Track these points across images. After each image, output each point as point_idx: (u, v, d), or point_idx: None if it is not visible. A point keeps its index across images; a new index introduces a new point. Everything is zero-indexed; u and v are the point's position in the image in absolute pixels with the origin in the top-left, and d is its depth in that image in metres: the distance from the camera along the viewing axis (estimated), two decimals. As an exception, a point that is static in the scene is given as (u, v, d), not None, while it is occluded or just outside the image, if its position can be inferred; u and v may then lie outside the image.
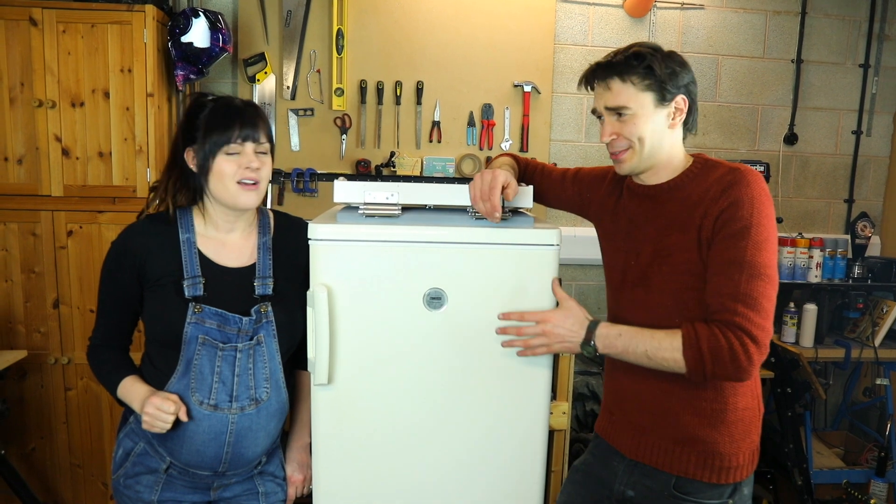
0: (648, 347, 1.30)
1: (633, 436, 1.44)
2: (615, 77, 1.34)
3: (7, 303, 2.50)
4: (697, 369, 1.26)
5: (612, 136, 1.37)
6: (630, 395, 1.46)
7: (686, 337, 1.27)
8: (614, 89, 1.34)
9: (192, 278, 1.43)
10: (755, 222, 1.26)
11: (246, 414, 1.43)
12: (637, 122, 1.34)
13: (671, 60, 1.34)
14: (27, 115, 2.42)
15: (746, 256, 1.25)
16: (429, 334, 1.43)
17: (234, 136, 1.40)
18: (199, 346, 1.41)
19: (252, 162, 1.42)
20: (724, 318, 1.25)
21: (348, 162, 2.95)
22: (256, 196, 1.45)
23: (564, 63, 3.06)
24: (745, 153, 3.19)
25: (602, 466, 1.52)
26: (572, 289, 3.18)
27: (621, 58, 1.34)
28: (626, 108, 1.33)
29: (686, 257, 1.33)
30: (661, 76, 1.32)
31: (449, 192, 1.47)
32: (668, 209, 1.37)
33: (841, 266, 3.00)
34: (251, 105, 1.47)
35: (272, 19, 2.86)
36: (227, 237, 1.50)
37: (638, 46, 1.34)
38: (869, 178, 3.32)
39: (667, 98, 1.34)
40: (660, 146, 1.36)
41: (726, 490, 1.36)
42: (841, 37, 3.20)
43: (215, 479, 1.48)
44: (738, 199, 1.27)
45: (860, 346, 2.90)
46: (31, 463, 2.59)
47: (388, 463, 1.47)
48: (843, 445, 3.23)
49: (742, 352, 1.23)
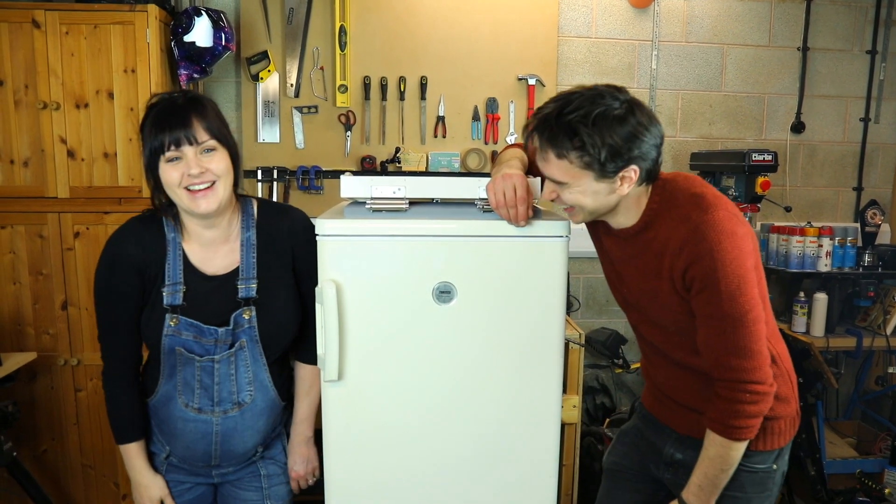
0: (719, 467, 1.35)
1: (678, 413, 1.49)
2: (550, 150, 1.26)
3: (16, 305, 2.50)
4: (751, 430, 1.32)
5: (553, 197, 1.35)
6: (667, 386, 1.52)
7: (721, 431, 1.32)
8: (551, 161, 1.28)
9: (173, 285, 1.40)
10: (721, 275, 1.25)
11: (229, 417, 1.44)
12: (574, 193, 1.30)
13: (617, 133, 1.21)
14: (32, 118, 2.42)
15: (723, 310, 1.27)
16: (438, 329, 1.42)
17: (167, 143, 1.31)
18: (178, 357, 1.41)
19: (192, 168, 1.32)
20: (722, 375, 1.30)
21: (353, 159, 2.94)
22: (214, 198, 1.35)
23: (568, 55, 3.04)
24: (752, 143, 3.16)
25: (653, 432, 1.57)
26: (580, 282, 3.17)
27: (559, 126, 1.23)
28: (562, 182, 1.29)
29: (670, 300, 1.36)
30: (598, 157, 1.22)
31: (456, 186, 1.47)
32: (641, 251, 1.39)
33: (851, 254, 2.97)
34: (190, 102, 1.35)
35: (274, 17, 2.85)
36: (210, 236, 1.44)
37: (575, 116, 1.21)
38: (878, 166, 3.29)
39: (608, 174, 1.25)
40: (606, 205, 1.34)
41: (771, 456, 1.43)
42: (847, 23, 3.16)
43: (213, 469, 1.52)
44: (696, 256, 1.26)
45: (871, 335, 2.88)
46: (43, 464, 2.60)
47: (400, 457, 1.47)
48: (856, 435, 3.21)
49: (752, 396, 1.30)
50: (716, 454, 1.34)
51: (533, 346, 1.44)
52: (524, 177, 1.38)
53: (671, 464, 1.51)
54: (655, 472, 1.56)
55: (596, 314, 3.21)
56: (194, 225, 1.43)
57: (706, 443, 1.35)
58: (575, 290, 3.13)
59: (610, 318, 3.20)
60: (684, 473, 1.43)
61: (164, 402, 1.45)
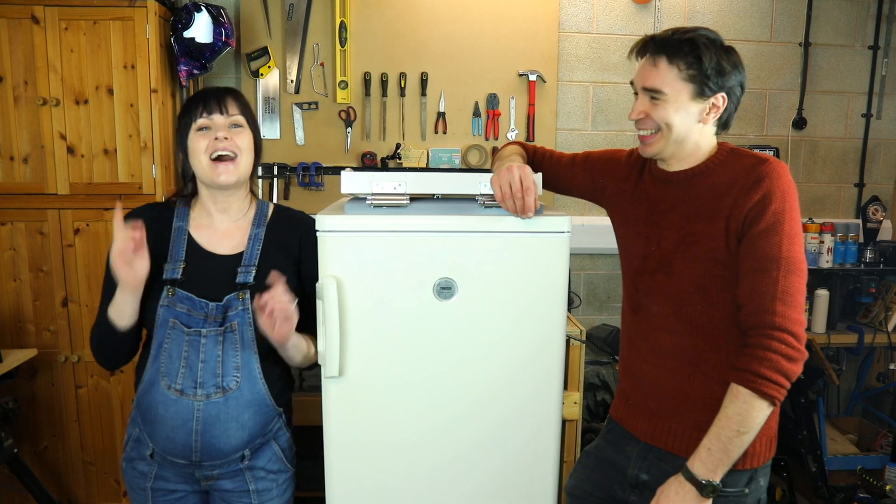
0: (735, 428, 1.24)
1: (650, 420, 1.43)
2: (663, 56, 1.32)
3: (16, 302, 2.50)
4: (778, 390, 1.23)
5: (641, 115, 1.36)
6: (649, 380, 1.44)
7: (746, 382, 1.24)
8: (659, 67, 1.33)
9: (174, 262, 1.46)
10: (787, 217, 1.26)
11: (212, 402, 1.42)
12: (668, 109, 1.33)
13: (725, 57, 1.32)
14: (31, 114, 2.42)
15: (782, 252, 1.25)
16: (439, 325, 1.42)
17: (200, 111, 1.45)
18: (170, 330, 1.42)
19: (220, 131, 1.44)
20: (762, 321, 1.24)
21: (354, 155, 2.94)
22: (234, 171, 1.45)
23: (569, 51, 3.03)
24: (754, 138, 3.15)
25: (615, 451, 1.50)
26: (581, 278, 3.17)
27: (676, 39, 1.32)
28: (662, 92, 1.32)
29: (712, 245, 1.32)
30: (706, 70, 1.30)
31: (457, 181, 1.46)
32: (694, 196, 1.36)
33: (852, 251, 2.97)
34: (227, 87, 1.52)
35: (274, 13, 2.84)
36: (220, 224, 1.51)
37: (696, 34, 1.32)
38: (880, 162, 3.28)
39: (705, 94, 1.32)
40: (687, 136, 1.35)
41: (743, 477, 1.34)
42: (849, 18, 3.15)
43: (195, 470, 1.46)
44: (769, 193, 1.27)
45: (873, 331, 2.88)
46: (43, 461, 2.60)
47: (401, 454, 1.47)
48: (857, 431, 3.21)
49: (787, 348, 1.23)
50: (734, 411, 1.24)
51: (534, 342, 1.44)
52: (529, 168, 1.37)
53: (636, 485, 1.44)
54: (620, 495, 1.47)
55: (597, 311, 3.21)
56: (208, 203, 1.51)
57: (725, 401, 1.26)
58: (576, 286, 3.13)
59: (611, 314, 3.20)
60: (650, 496, 1.35)
61: (148, 388, 1.44)
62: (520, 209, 1.37)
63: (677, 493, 1.28)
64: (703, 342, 1.35)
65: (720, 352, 1.34)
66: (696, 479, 1.27)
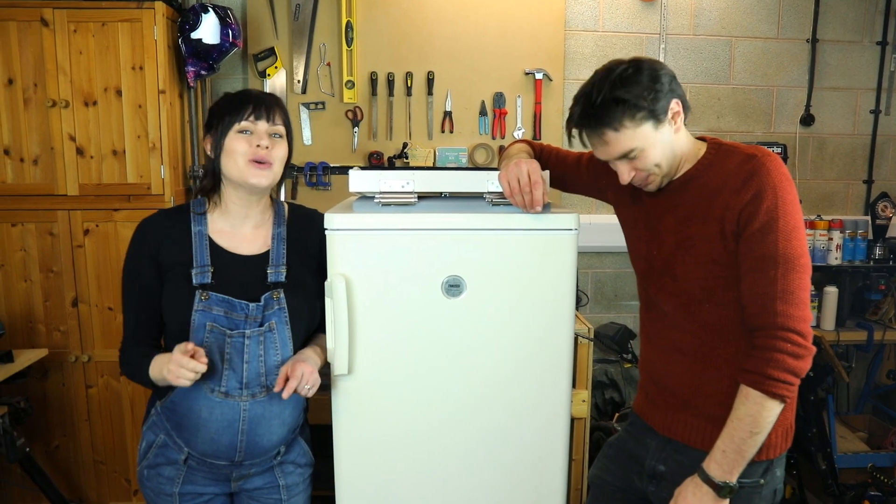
0: (748, 429, 1.25)
1: (667, 413, 1.44)
2: (606, 130, 1.28)
3: (27, 302, 2.52)
4: (788, 389, 1.24)
5: (632, 175, 1.34)
6: (663, 374, 1.46)
7: (755, 384, 1.24)
8: (611, 141, 1.29)
9: (201, 267, 1.43)
10: (781, 212, 1.25)
11: (258, 401, 1.43)
12: (647, 155, 1.30)
13: (647, 79, 1.27)
14: (41, 116, 2.43)
15: (779, 250, 1.24)
16: (448, 322, 1.42)
17: (247, 114, 1.42)
18: (208, 334, 1.41)
19: (263, 139, 1.42)
20: (765, 322, 1.24)
21: (360, 154, 2.94)
22: (269, 176, 1.44)
23: (576, 49, 3.03)
24: (761, 136, 3.14)
25: (636, 443, 1.52)
26: (589, 276, 3.16)
27: (601, 105, 1.27)
28: (632, 149, 1.30)
29: (709, 247, 1.32)
30: (646, 106, 1.26)
31: (465, 179, 1.46)
32: (687, 199, 1.36)
33: (861, 247, 2.95)
34: (271, 94, 1.50)
35: (281, 13, 2.85)
36: (241, 228, 1.50)
37: (608, 92, 1.26)
38: (888, 158, 3.26)
39: (661, 118, 1.29)
40: (674, 154, 1.34)
41: (759, 468, 1.35)
42: (857, 14, 3.13)
43: (234, 470, 1.48)
44: (760, 190, 1.25)
45: (883, 329, 2.86)
46: (55, 460, 2.62)
47: (410, 451, 1.47)
48: (867, 429, 3.19)
49: (793, 346, 1.23)
50: (745, 413, 1.25)
51: (542, 339, 1.44)
52: (536, 163, 1.38)
53: (654, 476, 1.45)
54: (639, 485, 1.51)
55: (605, 309, 3.21)
56: (232, 203, 1.49)
57: (736, 402, 1.27)
58: (584, 284, 3.13)
59: (619, 312, 3.19)
60: (667, 486, 1.38)
61: (185, 393, 1.42)
62: (528, 204, 1.37)
63: (695, 494, 1.30)
64: (714, 338, 1.35)
65: (731, 346, 1.34)
66: (713, 480, 1.28)
